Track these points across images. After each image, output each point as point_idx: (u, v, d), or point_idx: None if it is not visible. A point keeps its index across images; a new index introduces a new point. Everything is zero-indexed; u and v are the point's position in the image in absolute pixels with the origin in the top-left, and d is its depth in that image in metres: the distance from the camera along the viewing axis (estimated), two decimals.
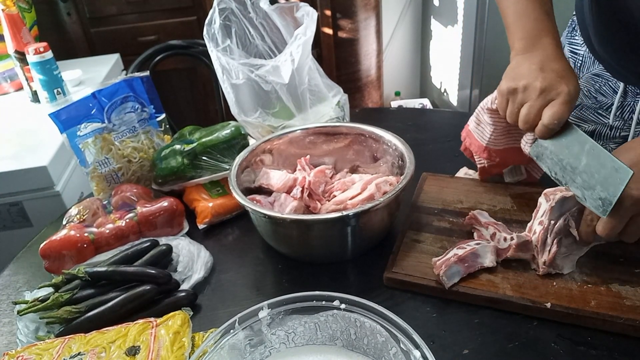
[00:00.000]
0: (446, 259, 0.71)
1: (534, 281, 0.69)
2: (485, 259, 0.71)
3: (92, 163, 0.95)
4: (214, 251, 0.83)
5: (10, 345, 0.72)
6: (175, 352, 0.60)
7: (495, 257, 0.72)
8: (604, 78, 0.95)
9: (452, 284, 0.69)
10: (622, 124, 0.95)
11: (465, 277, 0.70)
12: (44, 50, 1.55)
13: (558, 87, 0.69)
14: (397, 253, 0.76)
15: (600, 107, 0.97)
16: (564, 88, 0.69)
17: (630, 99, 0.92)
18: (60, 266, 0.79)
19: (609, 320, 0.62)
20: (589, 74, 0.97)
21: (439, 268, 0.70)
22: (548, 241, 0.69)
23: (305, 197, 0.82)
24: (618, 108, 0.94)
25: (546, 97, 0.69)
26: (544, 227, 0.69)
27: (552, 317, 0.65)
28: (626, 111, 0.94)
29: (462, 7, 2.38)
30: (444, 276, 0.69)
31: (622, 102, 0.93)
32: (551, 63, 0.72)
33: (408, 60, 3.10)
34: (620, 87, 0.92)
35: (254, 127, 1.00)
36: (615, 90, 0.94)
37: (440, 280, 0.69)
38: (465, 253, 0.70)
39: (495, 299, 0.68)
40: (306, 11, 0.97)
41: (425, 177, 0.94)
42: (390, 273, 0.73)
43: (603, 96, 0.96)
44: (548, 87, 0.69)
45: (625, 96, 0.93)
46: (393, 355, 0.54)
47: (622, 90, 0.92)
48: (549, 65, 0.72)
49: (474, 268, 0.71)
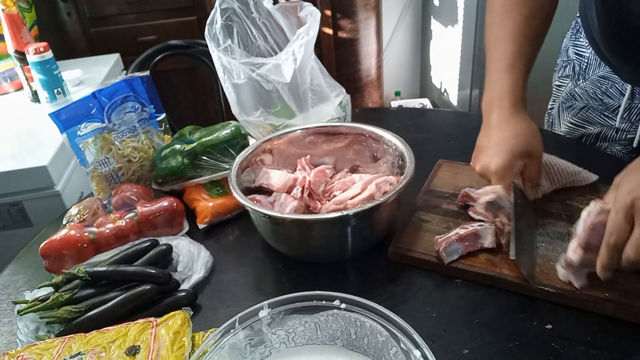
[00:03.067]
0: (447, 236, 0.74)
1: None
2: (486, 240, 0.74)
3: (92, 163, 0.95)
4: (214, 251, 0.83)
5: (10, 345, 0.72)
6: (175, 352, 0.60)
7: (495, 239, 0.74)
8: (611, 80, 0.95)
9: (450, 261, 0.73)
10: (629, 126, 0.95)
11: (466, 255, 0.74)
12: (44, 50, 1.55)
13: (488, 167, 0.76)
14: (403, 230, 0.80)
15: (607, 109, 0.97)
16: (491, 168, 0.75)
17: (638, 101, 0.92)
18: (60, 266, 0.79)
19: (600, 303, 0.64)
20: (595, 76, 0.97)
21: (439, 244, 0.73)
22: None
23: (306, 197, 0.82)
24: (625, 110, 0.93)
25: (486, 178, 0.78)
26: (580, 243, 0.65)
27: (544, 296, 0.67)
28: (634, 113, 0.94)
29: (462, 7, 2.38)
30: (444, 252, 0.73)
31: (630, 104, 0.93)
32: (491, 136, 0.78)
33: (408, 60, 3.10)
34: (627, 89, 0.92)
35: (255, 127, 0.99)
36: (622, 92, 0.93)
37: (440, 256, 0.73)
38: (466, 233, 0.74)
39: (491, 277, 0.70)
40: (309, 11, 0.96)
41: (441, 163, 0.97)
42: (395, 248, 0.77)
43: (610, 98, 0.96)
44: (483, 171, 0.78)
45: (633, 98, 0.92)
46: (393, 355, 0.54)
47: (630, 93, 0.92)
48: (490, 140, 0.78)
49: (473, 247, 0.74)
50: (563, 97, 1.06)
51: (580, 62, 0.99)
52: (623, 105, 0.93)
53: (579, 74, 1.01)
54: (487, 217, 0.79)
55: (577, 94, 1.02)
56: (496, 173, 0.75)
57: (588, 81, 0.99)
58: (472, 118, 1.44)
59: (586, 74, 0.99)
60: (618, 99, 0.95)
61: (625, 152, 0.99)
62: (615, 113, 0.96)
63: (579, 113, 1.02)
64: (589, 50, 0.97)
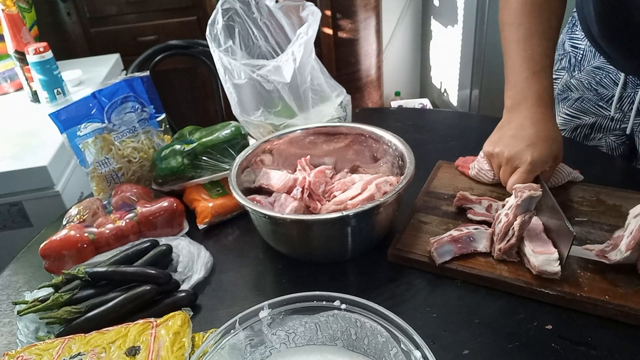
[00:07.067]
0: (440, 237, 0.75)
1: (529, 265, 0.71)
2: (480, 244, 0.75)
3: (92, 163, 0.95)
4: (214, 251, 0.83)
5: (10, 345, 0.72)
6: (175, 352, 0.60)
7: (489, 244, 0.75)
8: (605, 70, 0.97)
9: (442, 262, 0.73)
10: (622, 115, 0.96)
11: (459, 257, 0.73)
12: (44, 50, 1.55)
13: (522, 156, 0.78)
14: (403, 232, 0.80)
15: (601, 99, 0.99)
16: (527, 158, 0.77)
17: (631, 90, 0.94)
18: (60, 266, 0.79)
19: (600, 305, 0.64)
20: (590, 67, 0.99)
21: (431, 245, 0.74)
22: (509, 233, 0.72)
23: (306, 198, 0.82)
24: (618, 99, 0.95)
25: (512, 165, 0.80)
26: (508, 220, 0.72)
27: (544, 299, 0.67)
28: (625, 102, 0.96)
29: (462, 7, 2.38)
30: (435, 252, 0.73)
31: (622, 93, 0.95)
32: (526, 129, 0.80)
33: (408, 60, 3.10)
34: (620, 78, 0.94)
35: (255, 127, 0.99)
36: (615, 82, 0.95)
37: (432, 256, 0.73)
38: (460, 235, 0.74)
39: (487, 278, 0.70)
40: (311, 10, 0.96)
41: (440, 164, 0.97)
42: (394, 250, 0.77)
43: (604, 88, 0.97)
44: (514, 156, 0.79)
45: (625, 87, 0.94)
46: (394, 355, 0.54)
47: (623, 82, 0.94)
48: (523, 131, 0.80)
49: (467, 250, 0.74)
50: (559, 89, 1.08)
51: (576, 54, 1.01)
52: (617, 95, 0.95)
53: (575, 65, 1.03)
54: (487, 217, 0.79)
55: (573, 85, 1.04)
56: (532, 164, 0.77)
57: (583, 72, 1.00)
58: (472, 118, 1.45)
59: (581, 65, 1.00)
60: (612, 88, 0.97)
61: (619, 142, 1.02)
62: (610, 103, 0.98)
63: (574, 104, 1.05)
64: (584, 42, 0.99)
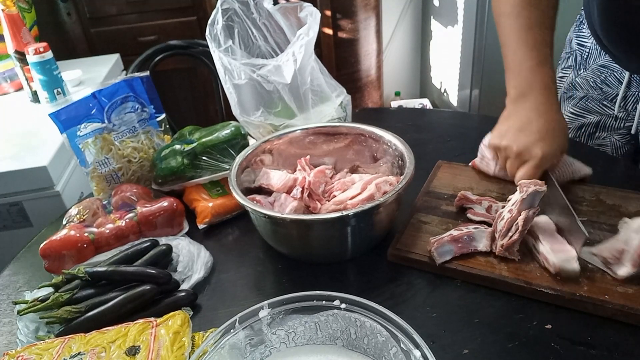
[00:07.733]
0: (440, 237, 0.74)
1: (529, 264, 0.71)
2: (480, 243, 0.74)
3: (92, 163, 0.95)
4: (214, 251, 0.83)
5: (10, 345, 0.72)
6: (175, 352, 0.60)
7: (490, 243, 0.74)
8: (610, 69, 0.97)
9: (442, 261, 0.73)
10: (625, 114, 0.96)
11: (462, 257, 0.73)
12: (44, 50, 1.55)
13: (532, 150, 0.77)
14: (402, 232, 0.80)
15: (605, 98, 0.99)
16: (538, 153, 0.76)
17: (635, 89, 0.94)
18: (60, 266, 0.79)
19: (600, 305, 0.64)
20: (595, 65, 0.99)
21: (432, 245, 0.73)
22: (513, 229, 0.71)
23: (305, 197, 0.82)
24: (622, 98, 0.95)
25: (521, 159, 0.78)
26: (512, 215, 0.72)
27: (544, 299, 0.67)
28: (630, 102, 0.96)
29: (462, 7, 2.38)
30: (435, 252, 0.73)
31: (627, 92, 0.95)
32: (534, 121, 0.78)
33: (408, 60, 3.10)
34: (625, 77, 0.94)
35: (255, 127, 1.00)
36: (620, 80, 0.95)
37: (432, 256, 0.73)
38: (460, 234, 0.74)
39: (487, 277, 0.70)
40: (310, 11, 0.97)
41: (440, 164, 0.97)
42: (394, 250, 0.77)
43: (608, 87, 0.97)
44: (523, 151, 0.78)
45: (630, 86, 0.94)
46: (393, 355, 0.54)
47: (627, 81, 0.94)
48: (531, 124, 0.78)
49: (467, 250, 0.74)
50: (564, 87, 1.08)
51: (582, 52, 1.01)
52: (620, 94, 0.95)
53: (580, 63, 1.03)
54: (487, 218, 0.79)
55: (578, 83, 1.04)
56: (542, 159, 0.76)
57: (589, 70, 1.00)
58: (472, 118, 1.45)
59: (587, 64, 1.01)
60: (616, 87, 0.97)
61: (623, 141, 1.02)
62: (614, 102, 0.98)
63: (579, 102, 1.04)
64: (590, 40, 0.99)
